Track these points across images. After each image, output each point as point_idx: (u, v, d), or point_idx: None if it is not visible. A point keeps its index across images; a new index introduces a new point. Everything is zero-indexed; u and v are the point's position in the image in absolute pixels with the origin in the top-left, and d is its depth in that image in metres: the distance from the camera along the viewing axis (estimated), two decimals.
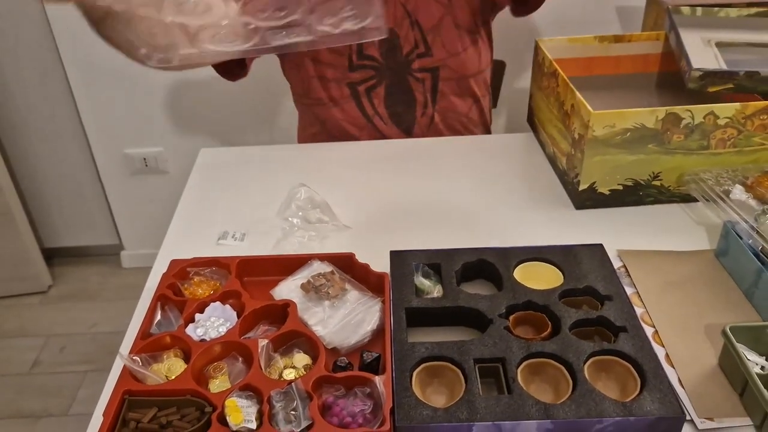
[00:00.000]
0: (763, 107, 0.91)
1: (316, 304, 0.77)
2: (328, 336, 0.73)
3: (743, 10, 1.15)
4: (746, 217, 0.83)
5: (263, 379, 0.67)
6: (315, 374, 0.67)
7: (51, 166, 2.08)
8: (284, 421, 0.63)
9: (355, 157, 1.15)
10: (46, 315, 2.08)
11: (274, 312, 0.77)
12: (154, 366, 0.70)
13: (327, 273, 0.80)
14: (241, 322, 0.74)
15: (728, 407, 0.67)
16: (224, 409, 0.63)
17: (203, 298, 0.78)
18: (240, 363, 0.70)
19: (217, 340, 0.72)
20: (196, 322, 0.75)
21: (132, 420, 0.64)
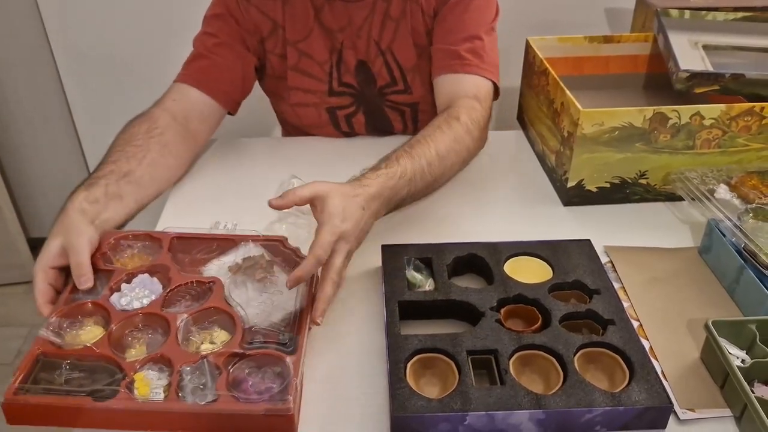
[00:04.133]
0: (748, 109, 0.94)
1: (241, 286, 0.77)
2: (248, 316, 0.73)
3: (730, 14, 1.17)
4: (730, 216, 0.85)
5: (177, 352, 0.67)
6: (228, 350, 0.68)
7: (38, 155, 2.07)
8: (191, 394, 0.63)
9: (348, 151, 1.16)
10: (31, 305, 2.05)
11: (199, 289, 0.77)
12: (72, 332, 0.70)
13: (257, 256, 0.80)
14: (165, 296, 0.74)
15: (709, 399, 0.69)
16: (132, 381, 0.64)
17: (132, 269, 0.78)
18: (159, 335, 0.70)
19: (138, 311, 0.72)
20: (121, 292, 0.75)
21: (43, 380, 0.64)
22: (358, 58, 1.12)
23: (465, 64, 1.06)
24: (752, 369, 0.69)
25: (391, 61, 1.12)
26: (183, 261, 0.81)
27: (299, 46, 1.10)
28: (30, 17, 1.80)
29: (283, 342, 0.69)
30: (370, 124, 1.19)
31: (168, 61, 1.96)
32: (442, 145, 0.94)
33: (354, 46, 1.11)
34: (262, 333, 0.71)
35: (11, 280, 2.12)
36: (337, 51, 1.11)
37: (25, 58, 1.88)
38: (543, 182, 1.07)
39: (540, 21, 1.69)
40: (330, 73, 1.13)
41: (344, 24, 1.08)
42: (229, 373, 0.66)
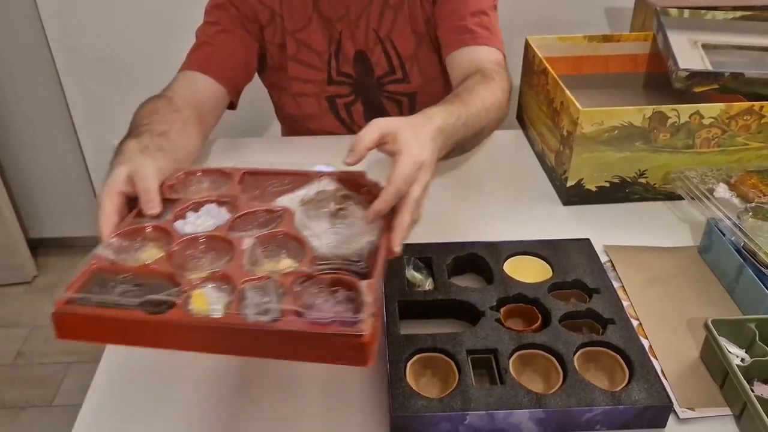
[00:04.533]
0: (747, 108, 0.94)
1: (313, 218, 0.72)
2: (320, 246, 0.67)
3: (729, 13, 1.18)
4: (729, 215, 0.85)
5: (240, 271, 0.62)
6: (296, 271, 0.62)
7: (37, 155, 2.07)
8: (253, 313, 0.57)
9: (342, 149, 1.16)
10: (31, 305, 2.07)
11: (268, 217, 0.72)
12: (131, 254, 0.66)
13: (331, 190, 0.76)
14: (231, 222, 0.70)
15: (709, 398, 0.69)
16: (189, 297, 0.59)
17: (199, 198, 0.74)
18: (224, 261, 0.65)
19: (202, 235, 0.68)
20: (185, 219, 0.71)
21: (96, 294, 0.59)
22: (357, 48, 1.13)
23: (477, 37, 1.06)
24: (752, 368, 0.69)
25: (389, 49, 1.13)
26: (254, 195, 0.76)
27: (298, 35, 1.11)
28: (29, 18, 1.80)
29: (355, 271, 0.64)
30: (368, 114, 1.20)
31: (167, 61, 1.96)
32: (487, 98, 0.92)
33: (352, 36, 1.11)
34: (333, 260, 0.65)
35: (11, 280, 2.12)
36: (336, 41, 1.12)
37: (25, 59, 1.88)
38: (542, 181, 1.07)
39: (539, 20, 1.69)
40: (329, 62, 1.14)
41: (342, 13, 1.09)
42: (297, 294, 0.60)
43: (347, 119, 1.21)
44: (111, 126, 2.01)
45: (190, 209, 0.72)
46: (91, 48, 1.83)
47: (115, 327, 0.58)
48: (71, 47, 1.83)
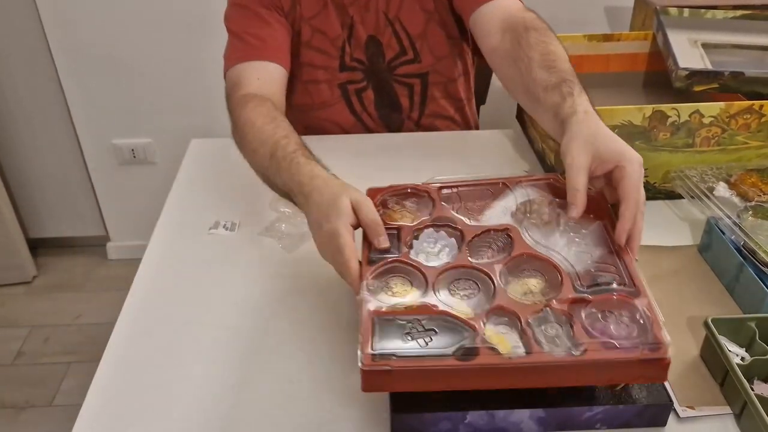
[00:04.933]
0: (747, 107, 0.94)
1: (534, 230, 0.73)
2: (567, 260, 0.69)
3: (729, 12, 1.18)
4: (729, 214, 0.85)
5: (514, 303, 0.64)
6: (567, 296, 0.64)
7: (37, 155, 2.07)
8: (548, 345, 0.60)
9: (344, 149, 1.16)
10: (31, 305, 2.07)
11: (493, 237, 0.73)
12: (386, 292, 0.67)
13: (536, 199, 0.76)
14: (466, 248, 0.71)
15: (709, 397, 0.69)
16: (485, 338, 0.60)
17: (418, 224, 0.75)
18: (475, 288, 0.67)
19: (451, 265, 0.69)
20: (414, 248, 0.72)
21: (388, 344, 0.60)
22: (368, 33, 1.14)
23: None
24: (752, 366, 0.69)
25: (399, 30, 1.14)
26: (458, 211, 0.77)
27: (312, 22, 1.12)
28: (29, 18, 1.80)
29: (602, 284, 0.65)
30: (378, 101, 1.21)
31: (166, 60, 1.97)
32: (564, 53, 0.91)
33: (363, 21, 1.13)
34: (592, 276, 0.66)
35: (11, 280, 2.12)
36: (348, 26, 1.13)
37: (24, 58, 1.88)
38: None
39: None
40: (342, 48, 1.15)
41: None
42: (582, 321, 0.62)
43: (358, 107, 1.21)
44: (111, 126, 2.01)
45: (413, 238, 0.73)
46: (91, 48, 1.83)
47: (432, 376, 0.60)
48: (71, 47, 1.84)
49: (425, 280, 0.68)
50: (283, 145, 0.85)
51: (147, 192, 2.08)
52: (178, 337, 0.78)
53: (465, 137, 1.25)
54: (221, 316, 0.81)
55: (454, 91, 1.24)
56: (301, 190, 0.77)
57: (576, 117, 0.76)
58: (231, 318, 0.81)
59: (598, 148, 0.71)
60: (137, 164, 2.05)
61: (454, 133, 1.26)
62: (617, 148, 0.71)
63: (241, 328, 0.79)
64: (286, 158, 0.82)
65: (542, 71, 0.87)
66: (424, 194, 0.80)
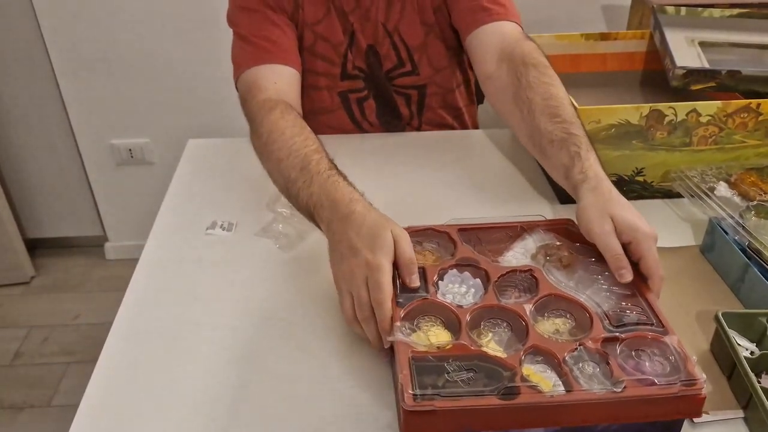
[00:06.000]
0: (744, 106, 0.94)
1: (555, 272, 0.75)
2: (594, 301, 0.70)
3: (726, 10, 1.18)
4: (732, 214, 0.85)
5: (548, 343, 0.65)
6: (599, 335, 0.65)
7: (35, 155, 2.07)
8: (587, 383, 0.61)
9: (342, 149, 1.15)
10: (29, 306, 2.07)
11: (518, 278, 0.74)
12: (417, 333, 0.67)
13: (552, 243, 0.78)
14: (492, 288, 0.72)
15: (722, 400, 0.69)
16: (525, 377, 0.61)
17: (441, 264, 0.75)
18: (503, 328, 0.68)
19: (480, 305, 0.70)
20: (440, 289, 0.73)
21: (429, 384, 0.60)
22: (368, 42, 1.13)
23: (493, 14, 1.06)
24: (760, 361, 0.69)
25: (398, 42, 1.13)
26: (479, 252, 0.78)
27: (315, 28, 1.11)
28: (25, 18, 1.80)
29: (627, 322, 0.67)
30: (379, 110, 1.20)
31: (164, 60, 1.96)
32: (565, 95, 0.91)
33: (363, 30, 1.12)
34: (618, 316, 0.68)
35: (9, 281, 2.12)
36: (350, 33, 1.13)
37: (21, 59, 1.88)
38: (540, 180, 1.07)
39: (537, 18, 1.68)
40: (344, 55, 1.14)
41: (353, 6, 1.10)
42: (617, 358, 0.63)
43: (359, 115, 1.21)
44: (108, 126, 2.01)
45: (436, 279, 0.74)
46: (88, 48, 1.83)
47: (476, 415, 0.60)
48: (68, 47, 1.83)
49: (457, 320, 0.68)
50: (316, 160, 0.84)
51: (145, 192, 2.08)
52: (176, 337, 0.78)
53: (464, 137, 1.24)
54: (218, 316, 0.81)
55: (452, 101, 1.24)
56: (336, 210, 0.76)
57: (587, 184, 0.78)
58: (228, 318, 0.80)
59: (617, 219, 0.73)
60: (135, 164, 2.05)
61: (454, 133, 1.26)
62: (632, 223, 0.73)
63: (238, 328, 0.79)
64: (321, 173, 0.82)
65: (546, 120, 0.87)
66: (444, 235, 0.80)
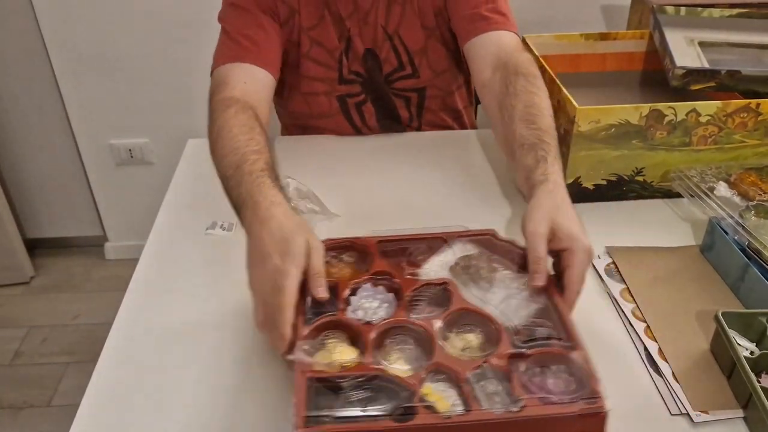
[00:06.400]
0: (744, 105, 0.94)
1: (472, 285, 0.73)
2: (504, 314, 0.68)
3: (725, 10, 1.18)
4: (732, 213, 0.85)
5: (452, 360, 0.63)
6: (505, 351, 0.63)
7: (35, 155, 2.07)
8: (488, 402, 0.59)
9: (346, 150, 1.16)
10: (28, 306, 2.07)
11: (430, 292, 0.72)
12: (321, 352, 0.65)
13: (474, 254, 0.76)
14: (403, 303, 0.70)
15: (722, 400, 0.69)
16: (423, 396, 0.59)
17: (355, 280, 0.73)
18: (411, 344, 0.66)
19: (387, 321, 0.68)
20: (353, 305, 0.71)
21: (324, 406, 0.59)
22: (366, 46, 1.13)
23: (492, 23, 1.06)
24: (760, 360, 0.69)
25: (398, 45, 1.13)
26: (399, 264, 0.76)
27: (311, 33, 1.11)
28: (25, 17, 1.80)
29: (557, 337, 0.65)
30: (378, 113, 1.20)
31: (163, 60, 1.96)
32: (548, 107, 0.91)
33: (361, 34, 1.12)
34: (530, 330, 0.66)
35: (8, 281, 2.12)
36: (346, 38, 1.12)
37: (21, 59, 1.88)
38: None
39: (536, 18, 1.69)
40: (340, 60, 1.14)
41: (351, 10, 1.09)
42: (520, 376, 0.62)
43: (358, 120, 1.21)
44: (108, 126, 2.01)
45: (349, 294, 0.71)
46: (88, 48, 1.83)
47: None
48: (68, 47, 1.83)
49: (364, 337, 0.66)
50: (252, 160, 0.83)
51: (144, 192, 2.08)
52: (176, 337, 0.78)
53: (463, 137, 1.24)
54: (218, 315, 0.81)
55: (452, 103, 1.24)
56: (255, 212, 0.74)
57: (545, 186, 0.77)
58: (228, 318, 0.80)
59: (558, 224, 0.72)
60: (134, 164, 2.05)
61: (453, 133, 1.26)
62: (573, 232, 0.71)
63: (238, 328, 0.79)
64: (252, 174, 0.80)
65: (522, 125, 0.88)
66: (364, 247, 0.77)
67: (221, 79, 1.03)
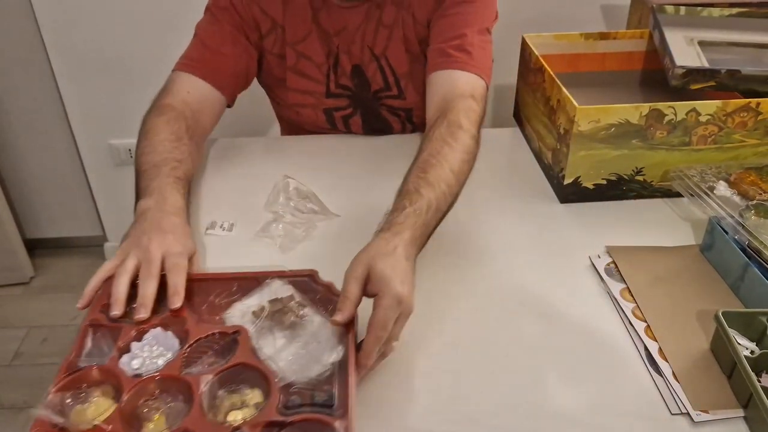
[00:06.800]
0: (743, 105, 0.94)
1: (268, 334, 0.68)
2: (282, 370, 0.63)
3: (725, 10, 1.18)
4: (732, 213, 0.85)
5: (203, 424, 0.58)
6: (264, 417, 0.59)
7: (34, 155, 2.06)
8: None
9: (345, 150, 1.16)
10: (28, 306, 2.07)
11: (222, 341, 0.67)
12: (77, 408, 0.60)
13: (285, 298, 0.71)
14: (183, 354, 0.65)
15: (722, 399, 0.69)
16: None
17: (141, 324, 0.68)
18: (180, 403, 0.61)
19: (154, 376, 0.63)
20: (131, 353, 0.65)
21: None
22: (353, 63, 1.11)
23: (451, 61, 1.02)
24: (760, 360, 0.69)
25: (385, 66, 1.11)
26: (200, 307, 0.71)
27: (298, 47, 1.10)
28: (25, 18, 1.80)
29: (324, 403, 0.61)
30: (366, 126, 1.19)
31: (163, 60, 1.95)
32: (455, 161, 0.88)
33: (348, 51, 1.10)
34: (300, 392, 0.62)
35: (8, 281, 2.12)
36: (334, 54, 1.11)
37: (20, 59, 1.88)
38: (540, 180, 1.07)
39: (536, 18, 1.69)
40: (327, 75, 1.13)
41: (339, 28, 1.08)
42: None
43: (345, 132, 1.20)
44: (107, 126, 2.01)
45: (133, 338, 0.66)
46: (87, 48, 1.82)
47: None
48: (67, 48, 1.83)
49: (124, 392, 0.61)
50: (173, 166, 0.90)
51: None
52: None
53: None
54: None
55: None
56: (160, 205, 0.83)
57: (383, 234, 0.74)
58: None
59: (375, 268, 0.69)
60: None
61: None
62: (385, 275, 0.68)
63: None
64: (170, 176, 0.88)
65: (414, 172, 0.85)
66: None
67: (169, 83, 1.05)
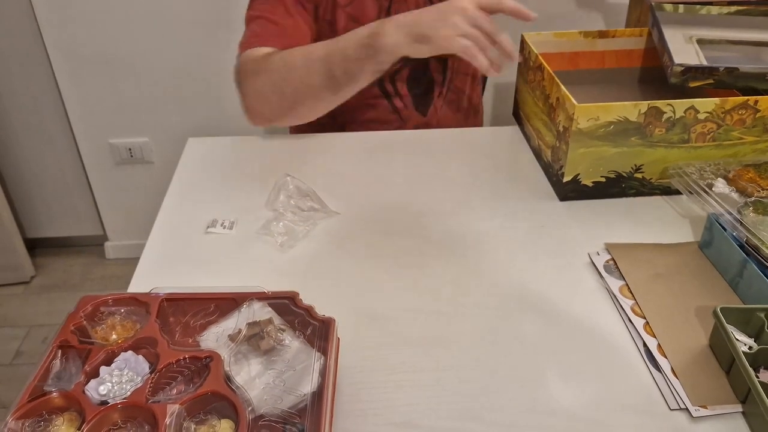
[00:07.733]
0: (742, 102, 0.94)
1: (243, 360, 0.64)
2: (255, 400, 0.60)
3: (724, 8, 1.18)
4: (730, 210, 0.86)
5: None
6: None
7: (34, 155, 2.07)
8: None
9: (345, 150, 1.16)
10: (29, 305, 2.07)
11: (194, 366, 0.63)
12: None
13: (263, 321, 0.67)
14: (152, 380, 0.61)
15: (721, 395, 0.69)
16: None
17: (112, 346, 0.64)
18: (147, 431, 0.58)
19: (119, 403, 0.59)
20: (99, 378, 0.61)
21: None
22: None
23: None
24: (758, 355, 0.70)
25: None
26: (174, 329, 0.68)
27: (348, 9, 1.11)
28: (25, 17, 1.80)
29: None
30: (412, 81, 1.20)
31: (163, 59, 1.96)
32: None
33: (406, 2, 1.11)
34: (270, 426, 0.58)
35: (8, 280, 2.12)
36: (386, 9, 1.12)
37: (20, 58, 1.88)
38: (539, 177, 1.07)
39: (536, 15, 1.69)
40: None
41: None
42: None
43: (391, 89, 1.21)
44: (108, 125, 2.01)
45: (101, 362, 0.63)
46: (88, 47, 1.83)
47: None
48: (67, 46, 1.83)
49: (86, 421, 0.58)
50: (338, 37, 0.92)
51: (145, 191, 2.08)
52: None
53: (463, 134, 1.25)
54: None
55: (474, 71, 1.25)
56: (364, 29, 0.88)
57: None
58: None
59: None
60: (134, 163, 2.05)
61: (455, 131, 1.26)
62: None
63: None
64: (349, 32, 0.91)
65: None
66: (145, 306, 0.69)
67: (248, 58, 1.02)
